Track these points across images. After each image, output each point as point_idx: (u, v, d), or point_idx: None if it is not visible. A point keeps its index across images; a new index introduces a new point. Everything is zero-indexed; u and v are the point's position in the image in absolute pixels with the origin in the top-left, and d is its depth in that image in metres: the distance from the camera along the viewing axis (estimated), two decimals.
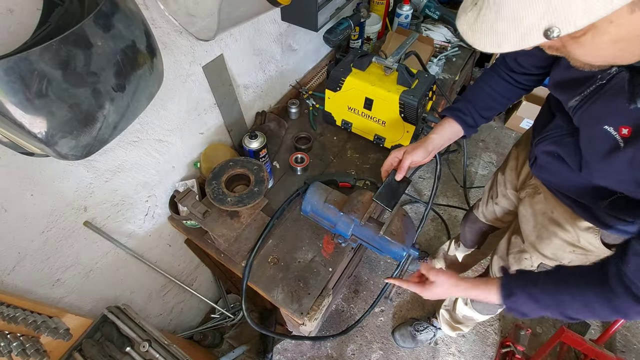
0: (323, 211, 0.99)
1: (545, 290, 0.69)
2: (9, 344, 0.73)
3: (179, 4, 0.67)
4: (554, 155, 0.78)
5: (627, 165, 0.57)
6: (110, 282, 1.09)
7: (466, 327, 1.48)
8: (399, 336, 1.75)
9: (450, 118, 0.95)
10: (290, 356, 1.73)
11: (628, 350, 1.76)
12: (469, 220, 1.42)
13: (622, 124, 0.56)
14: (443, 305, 1.57)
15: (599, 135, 0.60)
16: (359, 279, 1.97)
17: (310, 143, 1.31)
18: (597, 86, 0.61)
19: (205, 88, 1.04)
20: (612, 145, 0.58)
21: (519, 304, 0.72)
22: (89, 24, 0.49)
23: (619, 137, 0.57)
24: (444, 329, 1.62)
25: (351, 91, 1.19)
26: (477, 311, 1.30)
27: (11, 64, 0.43)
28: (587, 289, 0.65)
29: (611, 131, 0.58)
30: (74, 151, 0.55)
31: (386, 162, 0.97)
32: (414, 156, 0.92)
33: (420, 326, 1.72)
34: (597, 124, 0.60)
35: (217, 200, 0.91)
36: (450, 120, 0.95)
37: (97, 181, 0.86)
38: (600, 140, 0.60)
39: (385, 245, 0.93)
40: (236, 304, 1.70)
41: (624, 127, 0.56)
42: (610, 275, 0.62)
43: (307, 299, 0.98)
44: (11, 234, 0.75)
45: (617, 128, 0.57)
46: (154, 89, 0.67)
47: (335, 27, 1.26)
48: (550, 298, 0.68)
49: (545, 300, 0.69)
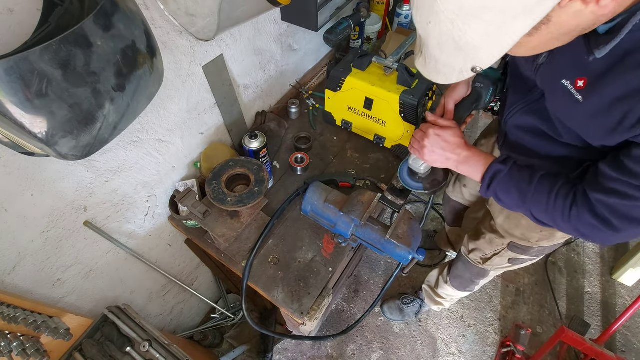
0: (323, 211, 0.99)
1: (523, 190, 0.71)
2: (10, 344, 0.73)
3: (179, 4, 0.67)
4: (524, 130, 0.80)
5: (589, 118, 0.59)
6: (110, 282, 1.09)
7: (447, 302, 1.58)
8: (387, 309, 1.84)
9: None
10: (290, 356, 1.73)
11: (628, 350, 1.76)
12: (444, 200, 1.55)
13: (578, 75, 0.58)
14: (425, 281, 1.66)
15: (558, 91, 0.62)
16: (359, 278, 1.97)
17: (310, 143, 1.31)
18: None
19: (205, 88, 1.04)
20: (572, 99, 0.60)
21: (497, 191, 0.75)
22: (89, 24, 0.49)
23: (574, 91, 0.59)
24: (427, 303, 1.72)
25: (351, 91, 1.19)
26: (455, 288, 1.40)
27: (11, 64, 0.43)
28: (557, 197, 0.67)
29: (567, 85, 0.60)
30: (74, 151, 0.55)
31: (437, 112, 0.93)
32: (456, 95, 0.90)
33: (408, 299, 1.82)
34: (556, 79, 0.62)
35: (218, 200, 0.91)
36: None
37: (97, 181, 0.86)
38: (561, 95, 0.62)
39: (391, 249, 0.93)
40: (236, 303, 1.70)
41: (579, 80, 0.58)
42: (578, 192, 0.65)
43: (307, 299, 0.98)
44: (11, 234, 0.75)
45: (574, 81, 0.59)
46: (154, 89, 0.67)
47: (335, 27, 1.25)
48: (524, 197, 0.71)
49: (520, 197, 0.71)
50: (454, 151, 0.80)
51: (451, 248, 1.81)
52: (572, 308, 1.89)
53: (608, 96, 0.54)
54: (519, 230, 0.95)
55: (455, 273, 1.35)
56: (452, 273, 1.37)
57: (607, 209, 0.60)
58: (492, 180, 0.74)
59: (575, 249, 2.11)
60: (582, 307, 1.90)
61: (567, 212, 0.65)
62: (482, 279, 1.27)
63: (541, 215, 0.70)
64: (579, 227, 0.65)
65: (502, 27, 0.43)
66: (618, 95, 0.52)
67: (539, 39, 0.47)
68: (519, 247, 0.99)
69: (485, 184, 0.76)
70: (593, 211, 0.62)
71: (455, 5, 0.43)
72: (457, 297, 1.51)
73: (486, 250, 1.11)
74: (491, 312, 1.87)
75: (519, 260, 1.05)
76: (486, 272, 1.20)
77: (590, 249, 2.12)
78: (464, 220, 1.52)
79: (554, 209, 0.67)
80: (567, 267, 2.04)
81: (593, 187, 0.62)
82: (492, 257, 1.10)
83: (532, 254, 1.00)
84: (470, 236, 1.19)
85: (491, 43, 0.45)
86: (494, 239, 1.05)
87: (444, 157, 0.81)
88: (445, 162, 0.82)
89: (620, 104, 0.52)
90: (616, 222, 0.60)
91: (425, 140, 0.82)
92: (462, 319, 1.85)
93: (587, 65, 0.56)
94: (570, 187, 0.66)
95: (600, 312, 1.88)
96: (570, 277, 2.00)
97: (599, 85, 0.55)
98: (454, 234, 1.71)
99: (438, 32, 0.47)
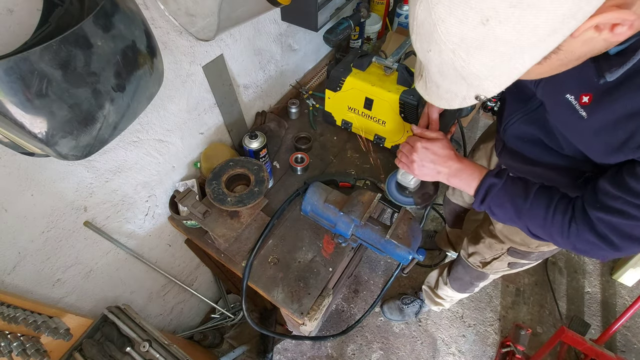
0: (323, 211, 0.99)
1: (518, 205, 0.68)
2: (10, 344, 0.73)
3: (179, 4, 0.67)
4: (523, 140, 0.77)
5: (592, 135, 0.57)
6: (110, 282, 1.09)
7: (447, 303, 1.58)
8: (387, 309, 1.84)
9: None
10: (290, 356, 1.73)
11: (628, 350, 1.76)
12: (445, 201, 1.54)
13: (583, 91, 0.55)
14: (425, 282, 1.67)
15: (561, 105, 0.60)
16: (359, 278, 1.97)
17: (310, 143, 1.31)
18: None
19: (205, 88, 1.04)
20: (575, 115, 0.58)
21: (491, 205, 0.72)
22: (89, 24, 0.49)
23: (579, 107, 0.56)
24: (427, 303, 1.72)
25: (351, 91, 1.19)
26: (454, 289, 1.40)
27: (11, 64, 0.43)
28: (555, 213, 0.65)
29: (572, 100, 0.57)
30: (74, 151, 0.55)
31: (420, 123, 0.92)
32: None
33: (408, 299, 1.82)
34: (558, 94, 0.60)
35: (217, 200, 0.91)
36: None
37: (97, 181, 0.86)
38: (564, 110, 0.60)
39: (391, 249, 0.93)
40: (236, 303, 1.70)
41: (584, 95, 0.55)
42: (577, 208, 0.63)
43: (307, 299, 0.98)
44: (11, 234, 0.75)
45: (578, 96, 0.56)
46: (154, 89, 0.67)
47: (335, 27, 1.25)
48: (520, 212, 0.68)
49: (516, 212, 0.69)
50: (445, 164, 0.78)
51: (451, 248, 1.81)
52: (572, 308, 1.89)
53: (615, 113, 0.51)
54: (518, 236, 0.94)
55: (454, 275, 1.35)
56: (452, 275, 1.37)
57: (608, 228, 0.58)
58: (487, 195, 0.72)
59: None
60: (582, 307, 1.90)
61: (567, 229, 0.63)
62: (481, 282, 1.27)
63: (538, 230, 0.68)
64: (577, 244, 0.63)
65: (509, 59, 0.40)
66: (625, 113, 0.50)
67: (548, 66, 0.45)
68: (519, 252, 0.98)
69: (479, 199, 0.73)
70: (594, 229, 0.60)
71: (456, 36, 0.40)
72: (457, 298, 1.51)
73: (485, 254, 1.10)
74: (491, 312, 1.87)
75: (518, 264, 1.04)
76: (486, 275, 1.20)
77: None
78: (465, 222, 1.52)
79: (551, 225, 0.65)
80: (567, 267, 2.04)
81: (593, 205, 0.59)
82: (491, 262, 1.10)
83: (532, 259, 1.00)
84: (470, 240, 1.18)
85: (497, 74, 0.43)
86: (494, 243, 1.04)
87: (435, 170, 0.79)
88: (437, 175, 0.79)
89: (626, 122, 0.50)
90: (617, 240, 0.58)
91: (414, 154, 0.80)
92: (462, 319, 1.85)
93: (594, 82, 0.53)
94: (568, 202, 0.64)
95: (600, 312, 1.88)
96: (570, 277, 2.00)
97: (605, 102, 0.52)
98: (455, 235, 1.71)
99: (439, 60, 0.45)
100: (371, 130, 1.28)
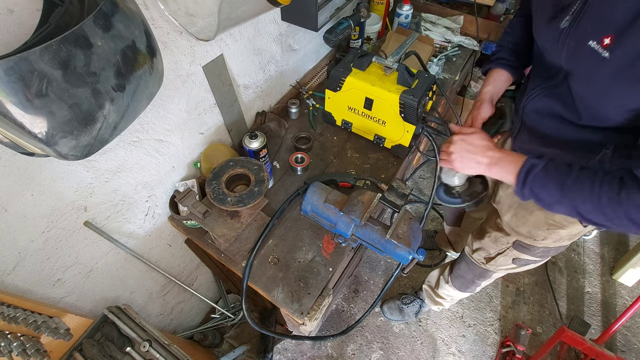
0: (323, 211, 0.99)
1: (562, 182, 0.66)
2: (10, 344, 0.73)
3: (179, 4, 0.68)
4: (542, 114, 0.79)
5: (615, 74, 0.59)
6: (110, 282, 1.09)
7: (447, 302, 1.58)
8: (387, 309, 1.84)
9: (496, 68, 0.96)
10: (290, 356, 1.74)
11: (628, 350, 1.76)
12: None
13: (604, 33, 0.58)
14: (426, 281, 1.66)
15: (584, 57, 0.62)
16: (359, 278, 1.97)
17: (310, 143, 1.31)
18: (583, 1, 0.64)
19: (205, 88, 1.04)
20: (598, 59, 0.60)
21: (533, 187, 0.69)
22: (89, 24, 0.49)
23: (601, 50, 0.59)
24: (427, 303, 1.71)
25: (351, 91, 1.19)
26: (456, 288, 1.39)
27: (11, 64, 0.43)
28: (602, 183, 0.62)
29: (594, 46, 0.60)
30: (74, 151, 0.55)
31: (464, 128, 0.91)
32: (482, 113, 0.91)
33: (408, 299, 1.82)
34: (582, 44, 0.62)
35: (217, 200, 0.91)
36: (496, 71, 0.95)
37: (97, 181, 0.86)
38: (587, 60, 0.62)
39: (391, 249, 0.93)
40: (236, 303, 1.70)
41: (605, 37, 0.58)
42: (625, 173, 0.61)
43: (307, 299, 0.98)
44: (11, 234, 0.75)
45: (600, 40, 0.59)
46: (154, 89, 0.67)
47: (335, 27, 1.25)
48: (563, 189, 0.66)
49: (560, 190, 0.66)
50: (484, 154, 0.78)
51: (451, 248, 1.81)
52: (572, 308, 1.89)
53: (635, 47, 0.54)
54: (525, 227, 0.95)
55: (457, 273, 1.35)
56: (454, 273, 1.36)
57: None
58: (528, 176, 0.70)
59: (575, 248, 2.12)
60: (582, 307, 1.90)
61: (616, 196, 0.60)
62: (483, 280, 1.27)
63: (587, 206, 0.64)
64: (631, 213, 0.60)
65: None
66: None
67: None
68: (524, 245, 0.99)
69: (521, 181, 0.71)
70: None
71: None
72: (457, 298, 1.51)
73: (490, 249, 1.11)
74: (491, 312, 1.87)
75: (522, 260, 1.04)
76: (489, 273, 1.20)
77: (591, 249, 2.12)
78: (464, 220, 1.52)
79: (599, 196, 0.62)
80: (567, 267, 2.04)
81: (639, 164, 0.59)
82: (496, 257, 1.10)
83: (537, 254, 1.00)
84: (475, 235, 1.18)
85: None
86: (500, 237, 1.05)
87: (474, 160, 0.79)
88: (477, 166, 0.79)
89: None
90: None
91: (452, 147, 0.81)
92: (462, 319, 1.85)
93: (613, 20, 0.56)
94: (614, 172, 0.63)
95: (600, 312, 1.88)
96: (570, 277, 2.00)
97: (626, 36, 0.55)
98: (454, 235, 1.71)
99: None
100: (371, 130, 1.28)
